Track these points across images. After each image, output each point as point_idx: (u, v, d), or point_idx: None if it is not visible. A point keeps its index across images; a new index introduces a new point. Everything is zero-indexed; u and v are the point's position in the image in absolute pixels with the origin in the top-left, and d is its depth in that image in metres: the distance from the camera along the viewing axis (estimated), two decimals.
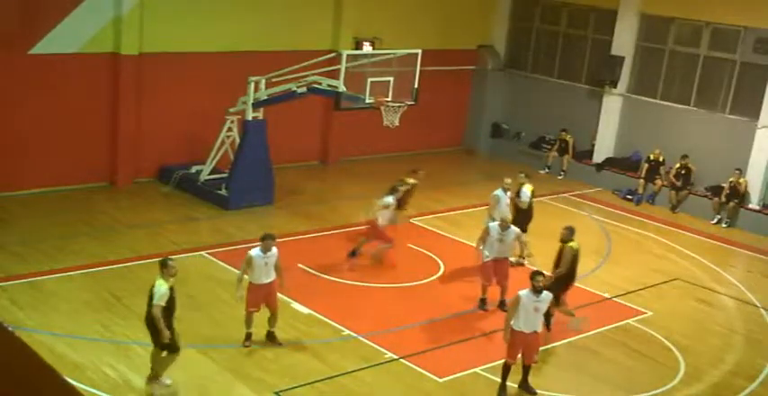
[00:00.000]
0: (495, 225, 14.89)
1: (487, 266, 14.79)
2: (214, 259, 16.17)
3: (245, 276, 12.78)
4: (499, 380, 12.43)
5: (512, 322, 12.00)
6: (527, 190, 17.15)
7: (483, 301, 15.01)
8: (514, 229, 14.90)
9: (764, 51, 21.27)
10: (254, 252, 12.77)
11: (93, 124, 19.79)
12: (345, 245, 17.27)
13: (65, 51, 18.97)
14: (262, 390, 11.82)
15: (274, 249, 12.88)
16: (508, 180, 17.02)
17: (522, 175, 17.57)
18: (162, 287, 11.24)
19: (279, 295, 14.14)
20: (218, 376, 12.10)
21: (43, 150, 19.14)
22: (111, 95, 19.77)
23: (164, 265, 11.46)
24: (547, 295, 12.09)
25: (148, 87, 20.11)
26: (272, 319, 13.14)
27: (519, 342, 12.02)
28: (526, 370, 12.32)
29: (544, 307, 12.14)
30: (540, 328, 12.19)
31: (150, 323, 11.25)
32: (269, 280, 12.89)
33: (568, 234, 14.22)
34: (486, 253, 14.75)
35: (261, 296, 12.86)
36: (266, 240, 12.82)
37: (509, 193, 16.93)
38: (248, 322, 12.94)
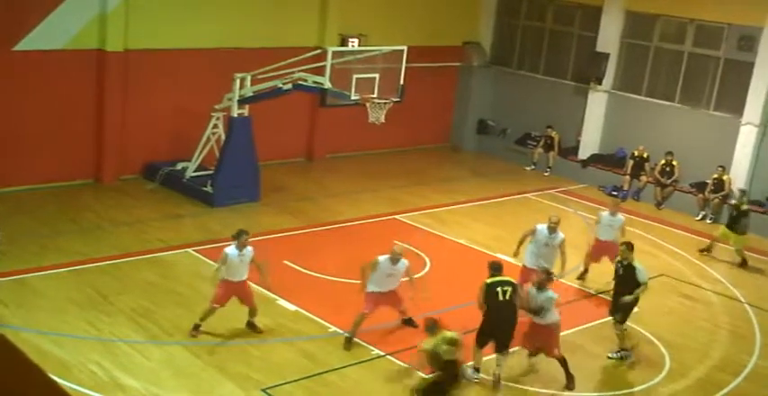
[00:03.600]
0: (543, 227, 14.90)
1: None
2: (200, 256, 16.14)
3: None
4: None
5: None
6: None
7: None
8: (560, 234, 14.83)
9: (748, 48, 21.36)
10: (230, 250, 12.81)
11: (79, 121, 19.71)
12: (331, 241, 17.28)
13: (50, 48, 18.88)
14: (249, 387, 11.81)
15: (249, 247, 12.90)
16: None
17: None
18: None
19: (265, 293, 14.19)
20: (204, 373, 12.09)
21: (28, 148, 19.05)
22: (96, 92, 19.69)
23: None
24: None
25: (134, 84, 20.04)
26: (252, 313, 13.24)
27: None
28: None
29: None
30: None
31: None
32: (242, 278, 12.93)
33: (628, 251, 13.54)
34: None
35: (230, 293, 12.91)
36: (241, 237, 12.87)
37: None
38: (205, 315, 12.90)
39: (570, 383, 12.59)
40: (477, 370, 12.56)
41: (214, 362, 12.40)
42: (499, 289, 12.30)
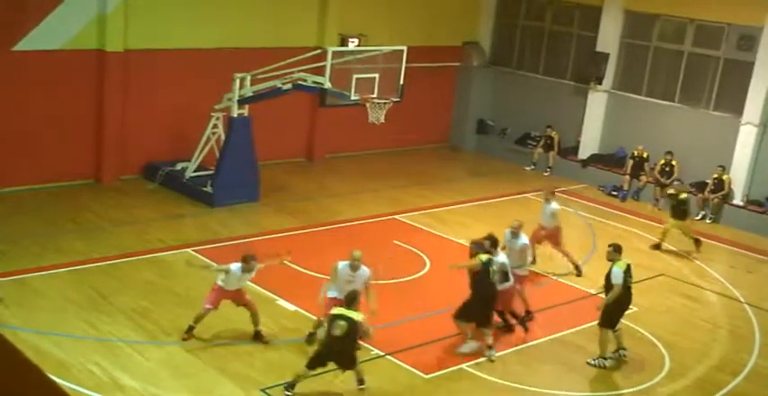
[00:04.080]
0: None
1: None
2: (200, 256, 16.14)
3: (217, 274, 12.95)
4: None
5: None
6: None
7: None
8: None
9: (748, 48, 21.36)
10: (235, 267, 12.69)
11: (79, 121, 19.71)
12: (331, 242, 17.28)
13: (49, 48, 18.88)
14: (248, 386, 11.82)
15: (255, 268, 12.88)
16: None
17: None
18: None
19: (265, 293, 14.21)
20: (203, 373, 12.10)
21: (28, 148, 19.05)
22: (96, 92, 19.69)
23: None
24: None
25: (133, 84, 20.04)
26: (254, 318, 13.14)
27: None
28: None
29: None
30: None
31: None
32: (237, 288, 12.93)
33: (613, 253, 13.41)
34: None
35: (222, 298, 12.87)
36: (249, 263, 12.71)
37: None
38: (198, 318, 12.85)
39: (509, 329, 14.00)
40: (490, 347, 13.17)
41: (213, 362, 12.40)
42: (491, 268, 12.87)
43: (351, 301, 11.56)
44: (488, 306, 13.22)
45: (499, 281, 13.29)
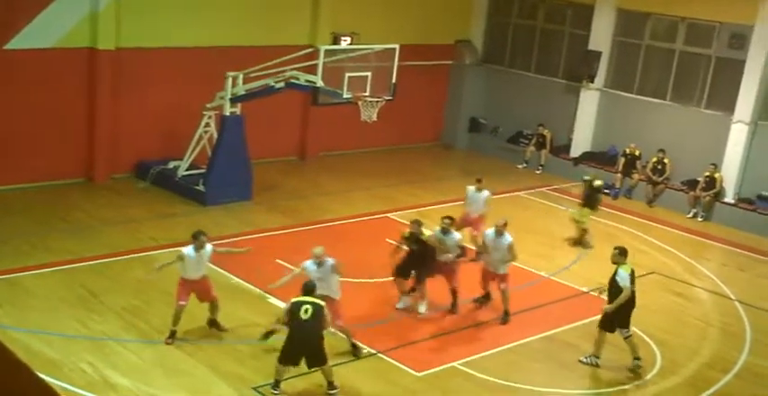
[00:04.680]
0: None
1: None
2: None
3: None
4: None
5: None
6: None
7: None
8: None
9: (739, 46, 21.41)
10: (188, 251, 12.70)
11: (70, 120, 19.67)
12: (323, 240, 17.26)
13: (41, 46, 18.83)
14: (240, 385, 11.82)
15: (209, 247, 12.89)
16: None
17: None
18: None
19: (257, 291, 14.23)
20: (196, 371, 12.10)
21: (19, 147, 19.01)
22: (87, 91, 19.66)
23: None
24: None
25: (125, 82, 20.01)
26: (213, 309, 13.20)
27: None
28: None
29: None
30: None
31: None
32: (199, 275, 12.89)
33: (618, 256, 13.36)
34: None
35: (189, 289, 12.88)
36: (199, 238, 12.76)
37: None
38: (175, 319, 12.79)
39: (454, 309, 14.70)
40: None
41: (205, 360, 12.40)
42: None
43: (309, 290, 11.62)
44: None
45: (456, 256, 14.51)
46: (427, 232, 14.88)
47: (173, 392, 11.55)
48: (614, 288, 13.12)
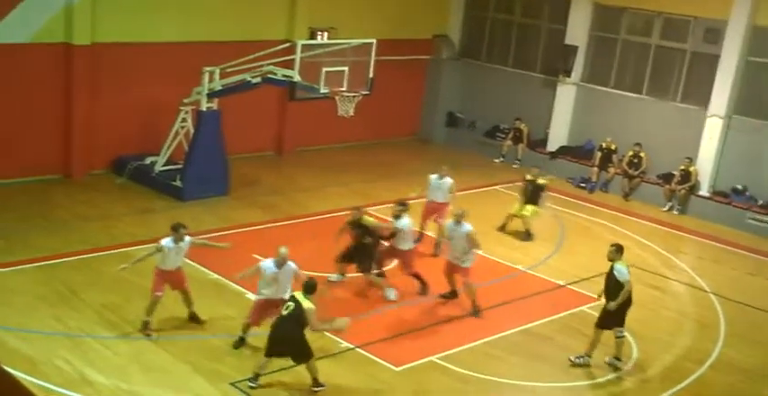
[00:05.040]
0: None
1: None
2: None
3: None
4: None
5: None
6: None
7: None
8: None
9: (713, 41, 21.58)
10: (167, 242, 12.85)
11: (46, 116, 19.56)
12: (300, 235, 17.28)
13: (15, 41, 18.70)
14: (218, 381, 11.83)
15: (187, 238, 13.01)
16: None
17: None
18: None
19: (235, 286, 14.24)
20: (173, 367, 12.10)
21: None
22: (63, 86, 19.55)
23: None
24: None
25: (102, 78, 19.92)
26: (187, 301, 13.32)
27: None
28: None
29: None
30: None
31: None
32: (175, 266, 13.01)
33: (615, 253, 13.18)
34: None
35: (165, 280, 12.99)
36: (179, 231, 12.92)
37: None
38: (150, 309, 12.92)
39: (424, 290, 15.12)
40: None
41: (183, 356, 12.39)
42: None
43: (310, 289, 11.58)
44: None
45: (412, 241, 15.26)
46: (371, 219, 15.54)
47: (150, 388, 11.53)
48: (612, 285, 12.95)
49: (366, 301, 14.87)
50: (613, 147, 22.94)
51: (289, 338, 11.49)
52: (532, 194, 18.98)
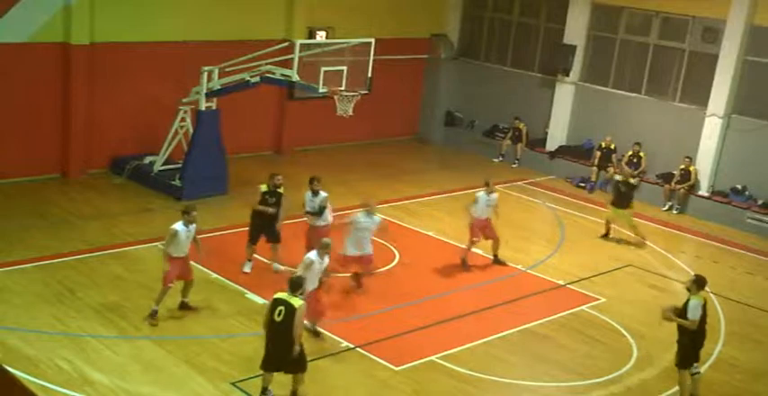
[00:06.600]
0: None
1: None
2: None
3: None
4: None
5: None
6: None
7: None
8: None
9: (712, 41, 21.58)
10: (179, 226, 13.08)
11: (45, 115, 19.54)
12: (298, 235, 17.24)
13: (14, 41, 18.67)
14: (218, 380, 11.81)
15: (194, 223, 13.24)
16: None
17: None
18: None
19: (234, 285, 14.21)
20: (173, 367, 12.07)
21: None
22: (62, 86, 19.53)
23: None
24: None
25: (100, 77, 19.90)
26: (185, 291, 13.47)
27: None
28: None
29: None
30: None
31: None
32: (186, 253, 13.23)
33: (692, 284, 12.35)
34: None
35: (178, 269, 13.12)
36: (191, 213, 13.15)
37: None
38: (159, 298, 13.10)
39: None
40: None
41: (183, 356, 12.37)
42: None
43: (295, 287, 11.16)
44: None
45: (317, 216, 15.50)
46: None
47: (151, 388, 11.51)
48: (685, 318, 12.14)
49: (365, 301, 14.83)
50: (612, 146, 22.92)
51: (284, 346, 11.01)
52: (625, 196, 18.89)
